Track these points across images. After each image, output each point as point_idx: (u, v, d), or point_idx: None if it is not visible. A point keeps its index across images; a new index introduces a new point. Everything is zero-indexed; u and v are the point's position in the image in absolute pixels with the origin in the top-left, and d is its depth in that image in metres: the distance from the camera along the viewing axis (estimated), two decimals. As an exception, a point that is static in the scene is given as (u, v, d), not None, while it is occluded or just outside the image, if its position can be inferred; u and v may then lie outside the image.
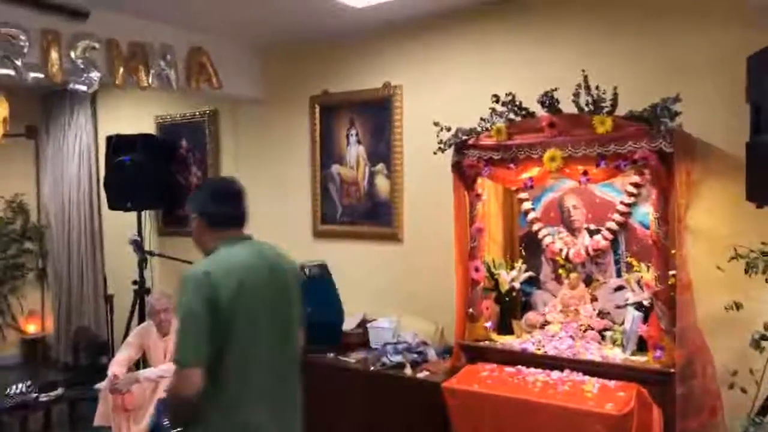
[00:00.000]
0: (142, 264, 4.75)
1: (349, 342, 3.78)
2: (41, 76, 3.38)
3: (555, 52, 3.40)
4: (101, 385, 4.10)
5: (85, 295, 5.76)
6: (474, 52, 3.69)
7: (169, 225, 5.31)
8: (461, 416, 2.83)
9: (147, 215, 5.17)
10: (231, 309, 1.87)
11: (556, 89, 2.86)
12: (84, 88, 3.41)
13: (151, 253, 4.40)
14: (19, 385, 4.32)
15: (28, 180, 6.17)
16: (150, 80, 3.76)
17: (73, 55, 3.35)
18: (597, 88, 2.75)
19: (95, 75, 3.41)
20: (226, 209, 2.12)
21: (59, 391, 4.56)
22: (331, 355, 3.60)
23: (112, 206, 4.96)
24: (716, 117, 2.94)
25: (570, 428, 2.53)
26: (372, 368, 3.41)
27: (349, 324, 3.89)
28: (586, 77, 2.78)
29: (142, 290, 4.83)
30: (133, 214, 4.99)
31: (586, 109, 2.79)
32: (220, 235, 2.08)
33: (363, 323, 3.92)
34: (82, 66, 3.38)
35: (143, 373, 3.98)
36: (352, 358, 3.56)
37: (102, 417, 4.04)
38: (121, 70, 3.61)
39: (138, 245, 4.45)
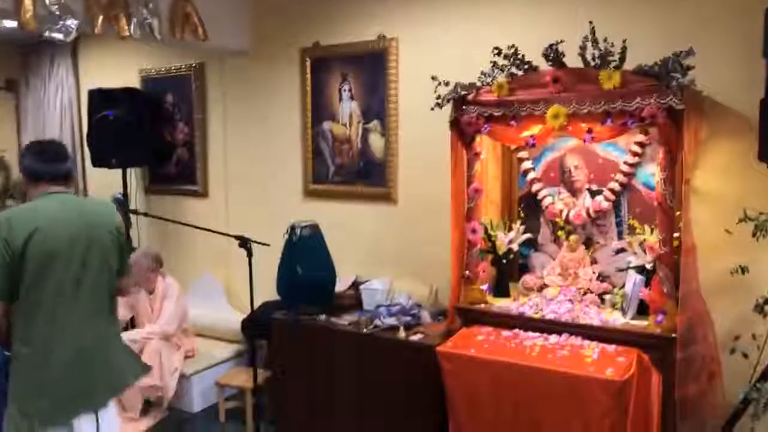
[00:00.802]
0: (128, 223, 4.63)
1: (341, 304, 3.70)
2: (14, 23, 3.19)
3: (561, 3, 3.23)
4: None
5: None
6: (474, 2, 3.51)
7: (156, 183, 5.16)
8: (456, 380, 2.77)
9: (133, 173, 5.02)
10: (24, 252, 2.20)
11: (561, 41, 2.71)
12: (60, 36, 3.21)
13: (134, 212, 4.26)
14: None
15: (9, 135, 5.96)
16: (131, 29, 3.55)
17: (47, 1, 3.14)
18: (605, 40, 2.61)
19: (72, 23, 3.21)
20: (44, 167, 2.36)
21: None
22: (323, 317, 3.53)
23: (96, 163, 4.80)
24: (728, 73, 2.81)
25: (569, 394, 2.47)
26: (365, 330, 3.34)
27: (341, 285, 3.81)
28: (593, 29, 2.63)
29: (128, 250, 4.72)
30: (119, 172, 4.83)
31: (593, 63, 2.65)
32: (39, 189, 2.36)
33: (355, 285, 3.84)
34: (57, 13, 3.17)
35: (127, 335, 3.96)
36: (345, 320, 3.48)
37: None
38: (100, 18, 3.40)
39: (121, 204, 4.30)
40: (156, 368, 3.78)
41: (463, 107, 2.96)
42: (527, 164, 3.29)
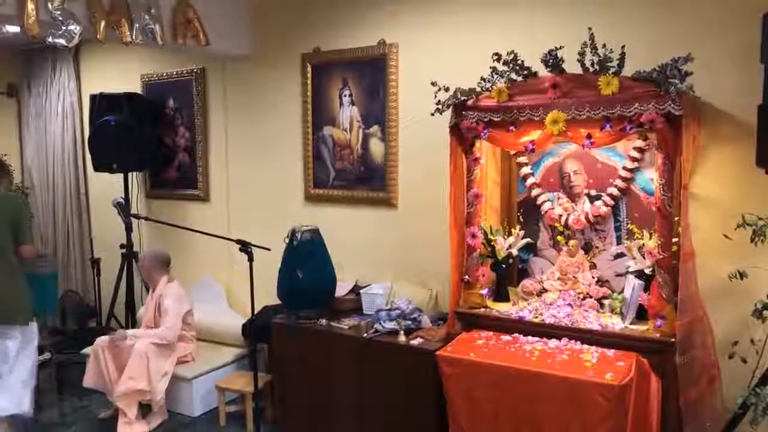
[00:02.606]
0: (129, 227, 4.65)
1: (341, 308, 3.71)
2: (17, 29, 3.21)
3: (560, 9, 3.25)
4: (89, 350, 4.06)
5: (71, 258, 5.65)
6: (474, 8, 3.53)
7: (157, 187, 5.18)
8: (456, 385, 2.78)
9: (134, 177, 5.03)
10: None
11: (560, 47, 2.73)
12: (63, 41, 3.23)
13: (136, 216, 4.28)
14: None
15: (10, 140, 5.98)
16: (134, 35, 3.57)
17: (50, 6, 3.16)
18: (604, 46, 2.63)
19: (75, 28, 3.23)
20: None
21: (46, 355, 4.50)
22: (323, 321, 3.54)
23: (97, 167, 4.82)
24: (727, 79, 2.83)
25: (569, 398, 2.48)
26: (365, 335, 3.35)
27: (341, 290, 3.82)
28: (592, 35, 2.65)
29: (130, 254, 4.74)
30: (120, 176, 4.85)
31: (592, 69, 2.67)
32: None
33: (356, 289, 3.86)
34: (60, 18, 3.19)
35: (130, 331, 4.04)
36: (345, 324, 3.49)
37: (91, 378, 4.00)
38: (103, 23, 3.42)
39: (122, 208, 4.33)
40: (143, 372, 3.78)
41: (463, 113, 2.98)
42: (526, 169, 3.30)
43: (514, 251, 3.25)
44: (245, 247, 3.37)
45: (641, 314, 2.80)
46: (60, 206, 5.64)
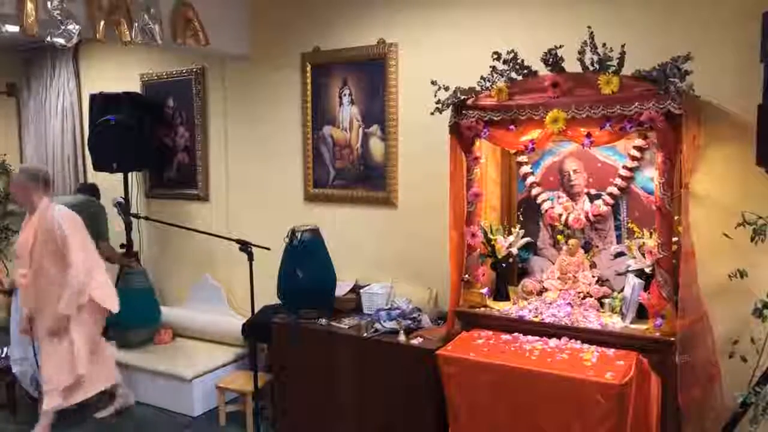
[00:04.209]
0: (129, 227, 4.65)
1: (341, 308, 3.71)
2: (16, 28, 3.21)
3: (560, 8, 3.25)
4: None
5: (71, 258, 5.64)
6: (474, 7, 3.52)
7: (157, 187, 5.17)
8: (456, 384, 2.78)
9: (134, 177, 5.03)
10: None
11: (560, 46, 2.73)
12: (62, 41, 3.22)
13: (136, 216, 4.28)
14: (5, 349, 4.26)
15: (10, 139, 5.99)
16: (133, 34, 3.57)
17: (49, 5, 3.15)
18: (603, 45, 2.63)
19: (74, 27, 3.22)
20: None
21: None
22: (323, 320, 3.53)
23: (97, 167, 4.82)
24: (726, 78, 2.82)
25: (569, 397, 2.48)
26: (365, 334, 3.34)
27: (341, 289, 3.82)
28: (592, 34, 2.65)
29: (129, 253, 4.73)
30: (120, 176, 4.85)
31: (592, 68, 2.67)
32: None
33: (356, 289, 3.85)
34: (59, 18, 3.19)
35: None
36: (345, 323, 3.49)
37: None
38: (102, 22, 3.42)
39: (122, 207, 4.33)
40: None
41: (463, 112, 2.98)
42: (526, 168, 3.30)
43: (514, 250, 3.25)
44: (245, 246, 3.37)
45: (641, 313, 2.80)
46: (60, 206, 5.63)
